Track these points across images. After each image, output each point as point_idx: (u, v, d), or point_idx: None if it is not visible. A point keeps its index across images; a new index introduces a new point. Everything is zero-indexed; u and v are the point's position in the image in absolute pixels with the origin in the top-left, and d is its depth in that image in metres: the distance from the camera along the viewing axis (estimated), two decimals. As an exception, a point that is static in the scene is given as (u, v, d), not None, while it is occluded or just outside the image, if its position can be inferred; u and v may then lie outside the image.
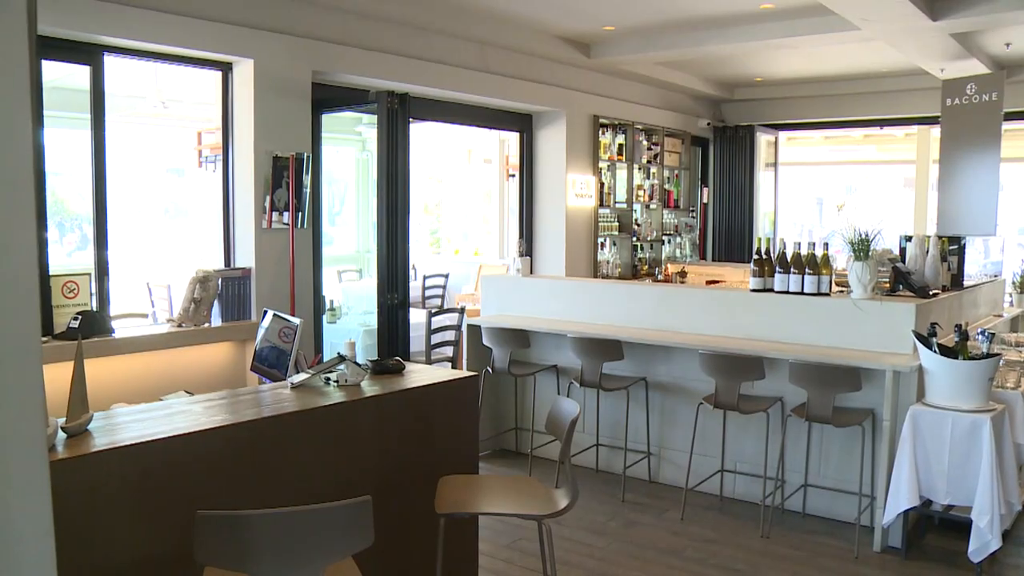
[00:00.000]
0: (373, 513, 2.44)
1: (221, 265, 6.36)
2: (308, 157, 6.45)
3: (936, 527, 5.17)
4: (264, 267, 6.29)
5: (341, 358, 3.66)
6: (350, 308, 9.16)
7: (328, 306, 8.42)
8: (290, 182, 6.35)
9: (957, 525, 4.85)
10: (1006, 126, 8.59)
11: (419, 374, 3.89)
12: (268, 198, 6.28)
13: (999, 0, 6.65)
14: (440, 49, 7.63)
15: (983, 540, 4.43)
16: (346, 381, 3.59)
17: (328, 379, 3.64)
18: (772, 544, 4.98)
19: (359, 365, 3.68)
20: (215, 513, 2.34)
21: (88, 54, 5.53)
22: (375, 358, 4.12)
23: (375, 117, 6.70)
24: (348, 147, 12.97)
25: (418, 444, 3.68)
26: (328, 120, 7.22)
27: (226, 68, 6.28)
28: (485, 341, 6.23)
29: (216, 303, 5.98)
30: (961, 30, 7.40)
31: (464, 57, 7.87)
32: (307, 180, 6.44)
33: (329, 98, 6.91)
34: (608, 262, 9.83)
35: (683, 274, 9.90)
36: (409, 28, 7.31)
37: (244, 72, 6.23)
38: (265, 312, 4.80)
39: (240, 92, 6.28)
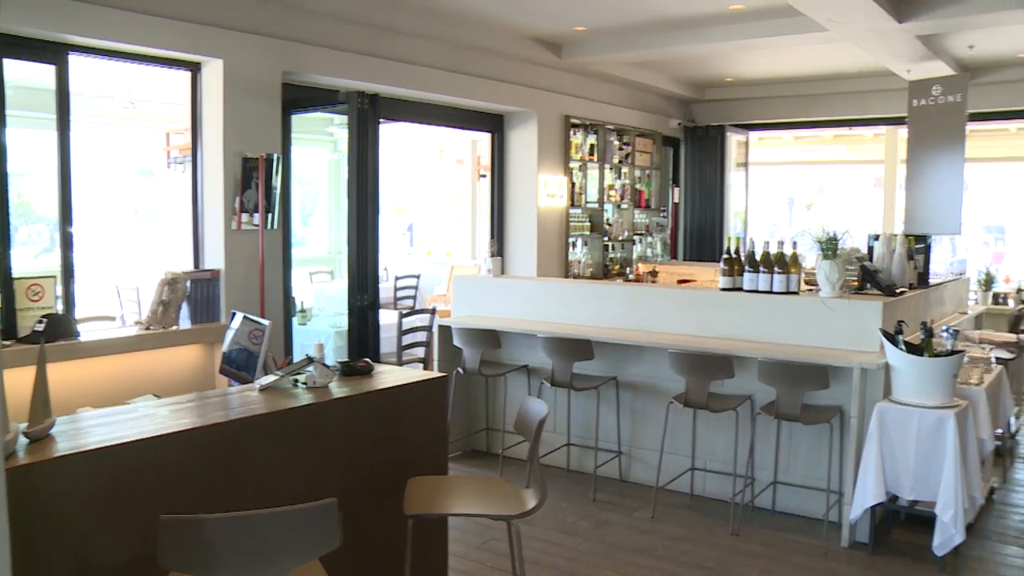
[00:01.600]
0: (341, 515, 2.44)
1: (191, 267, 6.32)
2: (278, 158, 6.43)
3: (902, 522, 5.23)
4: (233, 269, 6.25)
5: (309, 360, 3.65)
6: (321, 310, 9.14)
7: (299, 307, 8.39)
8: (260, 183, 6.32)
9: (922, 520, 4.91)
10: (970, 127, 8.69)
11: (388, 375, 3.89)
12: (238, 199, 6.25)
13: (963, 3, 6.74)
14: (411, 49, 7.62)
15: (947, 534, 4.49)
16: (314, 383, 3.58)
17: (296, 381, 3.63)
18: (742, 541, 5.01)
19: (327, 367, 3.67)
20: (178, 517, 2.32)
21: (53, 53, 5.46)
22: (344, 360, 4.11)
23: (346, 118, 6.67)
24: (320, 148, 12.93)
25: (387, 445, 3.68)
26: (299, 121, 7.19)
27: (195, 68, 6.24)
28: (456, 342, 6.23)
29: (185, 305, 5.94)
30: (926, 32, 7.47)
31: (435, 57, 7.87)
32: (277, 181, 6.42)
33: (299, 98, 6.88)
34: (579, 262, 9.85)
35: (654, 273, 9.94)
36: (380, 29, 7.30)
37: (213, 72, 6.19)
38: (234, 314, 4.77)
39: (209, 92, 6.24)
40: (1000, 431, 6.14)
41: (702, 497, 5.72)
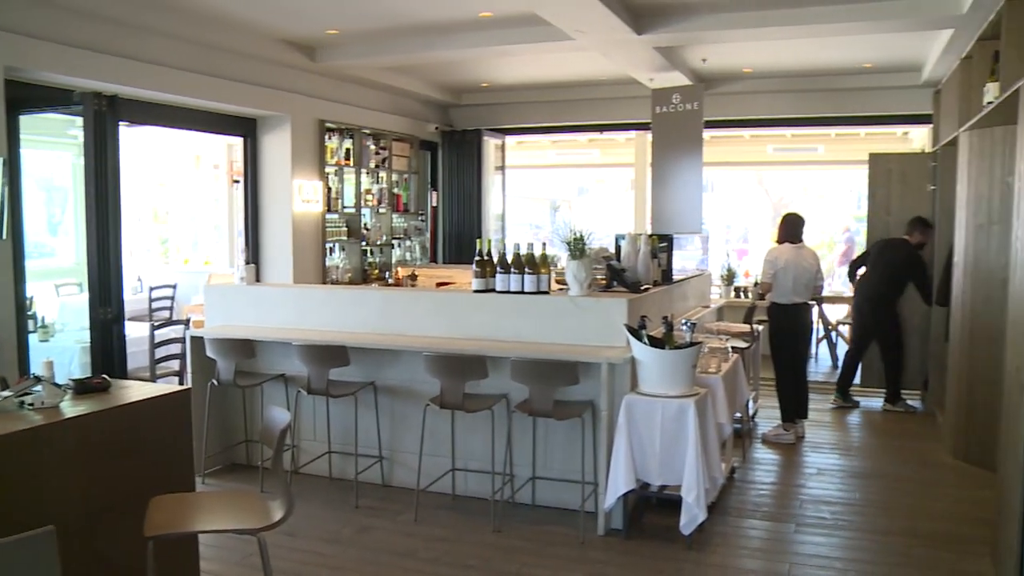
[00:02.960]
0: (79, 541, 2.29)
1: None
2: (4, 161, 5.96)
3: (654, 507, 5.51)
4: (-45, 284, 5.75)
5: (37, 379, 3.43)
6: (65, 324, 8.54)
7: (40, 323, 7.82)
8: (-17, 190, 5.84)
9: (671, 503, 5.17)
10: (709, 133, 9.30)
11: (127, 391, 3.70)
12: (-42, 208, 5.74)
13: (693, 20, 7.19)
14: (156, 49, 7.26)
15: (692, 514, 4.80)
16: (43, 403, 3.36)
17: (23, 402, 3.38)
18: (504, 537, 5.11)
19: (57, 385, 3.46)
20: None
21: None
22: (79, 377, 3.88)
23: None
24: (64, 151, 12.06)
25: (127, 465, 3.49)
26: (34, 122, 6.69)
27: None
28: (209, 353, 5.99)
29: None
30: (663, 44, 7.92)
31: (182, 58, 7.54)
32: (3, 187, 5.94)
33: (27, 98, 6.38)
34: (338, 267, 9.73)
35: (414, 277, 9.99)
36: (121, 26, 6.89)
37: (-80, 67, 5.66)
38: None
39: (-85, 89, 5.70)
40: (739, 414, 6.61)
41: (464, 497, 5.78)
